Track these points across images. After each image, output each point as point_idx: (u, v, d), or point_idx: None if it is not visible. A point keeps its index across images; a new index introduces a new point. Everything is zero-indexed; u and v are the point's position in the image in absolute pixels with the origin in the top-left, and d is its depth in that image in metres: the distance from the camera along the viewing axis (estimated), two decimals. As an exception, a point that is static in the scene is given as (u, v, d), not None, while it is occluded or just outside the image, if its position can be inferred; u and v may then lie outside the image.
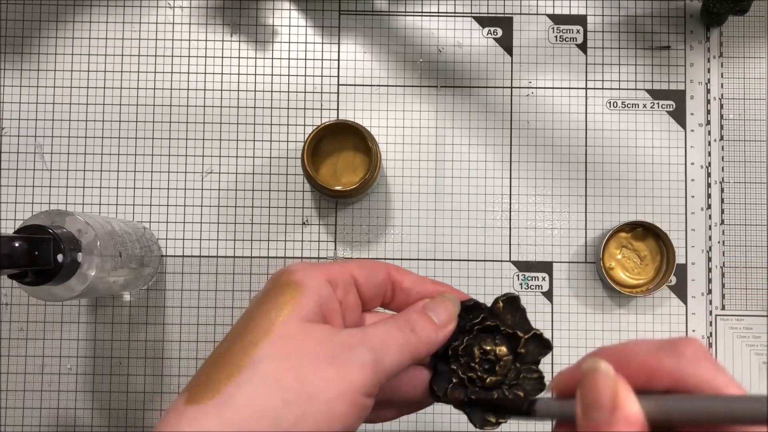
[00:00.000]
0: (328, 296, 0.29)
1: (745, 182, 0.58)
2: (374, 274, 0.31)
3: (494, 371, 0.32)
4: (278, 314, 0.27)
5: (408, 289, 0.32)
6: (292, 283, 0.28)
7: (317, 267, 0.30)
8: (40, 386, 0.56)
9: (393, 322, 0.29)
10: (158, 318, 0.57)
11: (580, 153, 0.58)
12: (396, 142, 0.58)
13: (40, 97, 0.58)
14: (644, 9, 0.59)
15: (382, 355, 0.27)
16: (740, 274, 0.57)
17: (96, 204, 0.58)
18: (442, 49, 0.59)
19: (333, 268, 0.30)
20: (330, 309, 0.29)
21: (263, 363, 0.26)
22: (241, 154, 0.58)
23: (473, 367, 0.32)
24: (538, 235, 0.58)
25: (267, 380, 0.25)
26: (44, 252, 0.40)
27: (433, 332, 0.30)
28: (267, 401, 0.25)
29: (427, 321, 0.30)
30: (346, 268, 0.31)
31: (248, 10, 0.59)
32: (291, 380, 0.25)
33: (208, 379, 0.26)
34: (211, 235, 0.57)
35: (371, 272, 0.31)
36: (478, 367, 0.32)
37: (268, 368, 0.25)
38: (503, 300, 0.33)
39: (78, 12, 0.59)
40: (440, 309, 0.31)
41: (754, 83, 0.59)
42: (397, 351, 0.28)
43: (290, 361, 0.26)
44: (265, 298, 0.28)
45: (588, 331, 0.57)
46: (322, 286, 0.29)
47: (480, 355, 0.32)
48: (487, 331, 0.32)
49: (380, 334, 0.28)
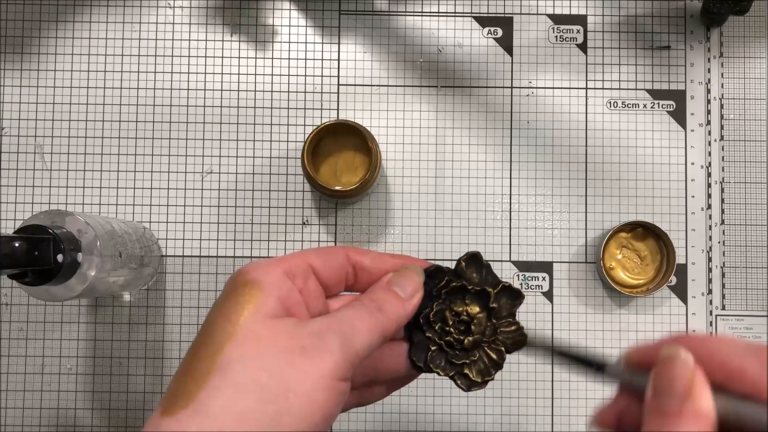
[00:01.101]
0: (288, 289, 0.28)
1: (745, 182, 0.58)
2: (332, 258, 0.31)
3: (470, 331, 0.31)
4: (240, 314, 0.27)
5: (369, 268, 0.32)
6: (249, 282, 0.28)
7: (272, 261, 0.29)
8: (40, 386, 0.56)
9: (359, 303, 0.29)
10: (158, 318, 0.57)
11: (580, 153, 0.58)
12: (396, 142, 0.58)
13: (40, 97, 0.58)
14: (644, 9, 0.59)
15: (351, 338, 0.27)
16: (740, 274, 0.57)
17: (96, 204, 0.58)
18: (442, 49, 0.59)
19: (288, 260, 0.30)
20: (292, 301, 0.28)
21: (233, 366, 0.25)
22: (241, 154, 0.58)
23: (448, 330, 0.32)
24: (538, 235, 0.58)
25: (241, 382, 0.25)
26: (44, 252, 0.40)
27: (400, 307, 0.30)
28: (244, 403, 0.24)
29: (392, 296, 0.30)
30: (302, 257, 0.30)
31: (248, 10, 0.59)
32: (266, 378, 0.25)
33: (179, 389, 0.25)
34: (211, 235, 0.57)
35: (329, 257, 0.31)
36: (453, 330, 0.32)
37: (240, 370, 0.25)
38: (465, 259, 0.32)
39: (78, 12, 0.59)
40: (404, 281, 0.31)
41: (754, 83, 0.59)
42: (367, 332, 0.28)
43: (262, 360, 0.25)
44: (223, 302, 0.28)
45: (588, 331, 0.57)
46: (279, 279, 0.28)
47: (453, 318, 0.32)
48: (455, 292, 0.32)
49: (347, 318, 0.28)
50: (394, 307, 0.30)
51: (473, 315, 0.32)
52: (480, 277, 0.32)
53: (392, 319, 0.29)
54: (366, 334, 0.28)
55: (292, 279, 0.29)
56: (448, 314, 0.32)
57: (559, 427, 0.56)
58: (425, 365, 0.32)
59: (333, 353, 0.26)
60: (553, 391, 0.56)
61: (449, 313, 0.32)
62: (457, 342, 0.32)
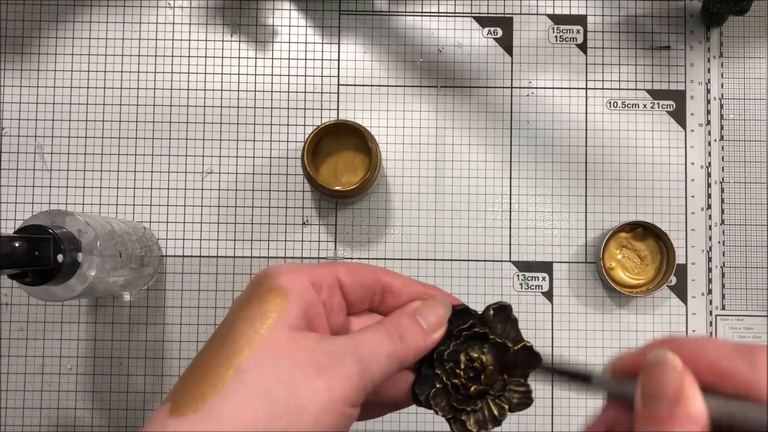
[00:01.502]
0: (313, 300, 0.28)
1: (745, 182, 0.58)
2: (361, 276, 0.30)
3: (479, 380, 0.31)
4: (263, 322, 0.26)
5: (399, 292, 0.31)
6: (276, 288, 0.27)
7: (301, 269, 0.29)
8: (40, 386, 0.56)
9: (382, 328, 0.29)
10: (158, 318, 0.57)
11: (580, 153, 0.58)
12: (396, 142, 0.58)
13: (40, 97, 0.58)
14: (644, 9, 0.59)
15: (370, 365, 0.27)
16: (740, 274, 0.57)
17: (96, 204, 0.58)
18: (442, 49, 0.59)
19: (318, 270, 0.29)
20: (315, 313, 0.28)
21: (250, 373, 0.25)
22: (241, 154, 0.58)
23: (458, 373, 0.31)
24: (538, 235, 0.58)
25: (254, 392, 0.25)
26: (44, 252, 0.40)
27: (422, 339, 0.29)
28: (255, 414, 0.24)
29: (416, 326, 0.29)
30: (331, 270, 0.30)
31: (248, 10, 0.59)
32: (280, 392, 0.25)
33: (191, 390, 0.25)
34: (211, 235, 0.57)
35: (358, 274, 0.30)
36: (463, 374, 0.31)
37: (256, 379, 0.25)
38: (494, 308, 0.32)
39: (78, 12, 0.59)
40: (430, 313, 0.30)
41: (754, 83, 0.59)
42: (386, 360, 0.27)
43: (279, 373, 0.25)
44: (248, 304, 0.27)
45: (588, 331, 0.57)
46: (306, 289, 0.28)
47: (466, 362, 0.31)
48: (476, 338, 0.32)
49: (369, 343, 0.27)
50: (416, 337, 0.29)
51: (486, 365, 0.31)
52: (504, 330, 0.32)
53: (412, 350, 0.29)
54: (384, 361, 0.27)
55: (318, 290, 0.29)
56: (463, 357, 0.31)
57: (559, 427, 0.56)
58: (426, 401, 0.31)
59: (350, 378, 0.26)
60: (552, 391, 0.56)
61: (464, 356, 0.31)
62: (464, 387, 0.31)
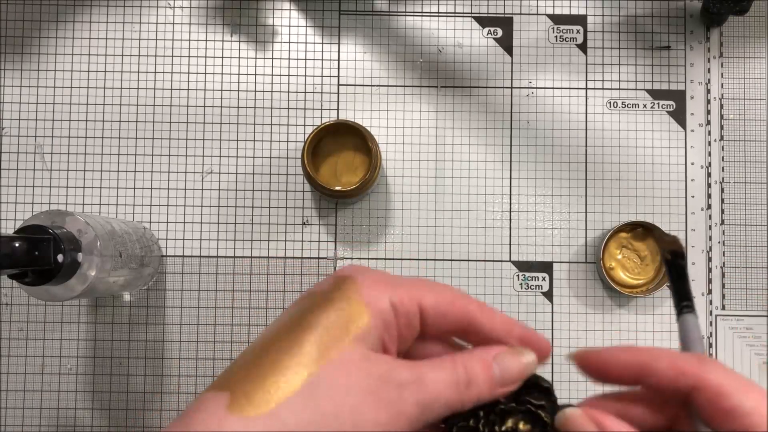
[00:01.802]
0: (390, 323, 0.27)
1: (745, 182, 0.58)
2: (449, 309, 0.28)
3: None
4: (342, 337, 0.26)
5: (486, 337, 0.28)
6: (360, 302, 0.27)
7: (386, 284, 0.27)
8: (40, 386, 0.56)
9: (451, 368, 0.27)
10: (158, 318, 0.57)
11: (580, 153, 0.58)
12: (396, 142, 0.58)
13: (40, 97, 0.58)
14: (644, 9, 0.59)
15: (431, 408, 0.26)
16: (740, 274, 0.57)
17: (96, 204, 0.58)
18: (442, 49, 0.59)
19: (401, 292, 0.27)
20: (389, 337, 0.27)
21: (320, 389, 0.24)
22: (241, 154, 0.58)
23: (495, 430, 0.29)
24: (538, 235, 0.58)
25: (323, 411, 0.24)
26: (44, 252, 0.40)
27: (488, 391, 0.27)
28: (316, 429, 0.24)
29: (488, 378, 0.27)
30: (416, 294, 0.28)
31: (248, 10, 0.59)
32: (347, 416, 0.24)
33: (254, 387, 0.24)
34: (211, 235, 0.57)
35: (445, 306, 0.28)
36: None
37: (326, 397, 0.24)
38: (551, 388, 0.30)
39: (78, 12, 0.59)
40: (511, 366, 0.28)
41: (754, 83, 0.59)
42: (444, 405, 0.26)
43: (350, 396, 0.25)
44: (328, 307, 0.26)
45: (588, 331, 0.57)
46: (387, 312, 0.27)
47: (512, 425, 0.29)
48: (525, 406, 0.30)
49: (437, 387, 0.26)
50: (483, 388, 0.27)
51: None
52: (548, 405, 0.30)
53: (473, 399, 0.27)
54: (443, 408, 0.27)
55: (396, 314, 0.27)
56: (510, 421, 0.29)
57: (559, 427, 0.56)
58: None
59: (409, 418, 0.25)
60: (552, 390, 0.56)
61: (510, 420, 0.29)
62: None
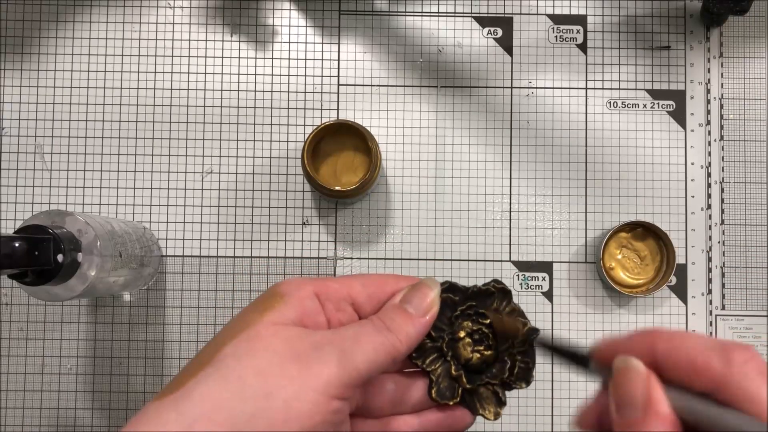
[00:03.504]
0: (313, 309, 0.28)
1: (745, 182, 0.58)
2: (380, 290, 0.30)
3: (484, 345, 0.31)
4: (254, 318, 0.27)
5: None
6: (277, 293, 0.28)
7: (309, 281, 0.29)
8: (40, 386, 0.56)
9: (368, 321, 0.29)
10: (158, 318, 0.57)
11: (580, 153, 0.58)
12: (396, 142, 0.58)
13: (40, 97, 0.58)
14: (644, 9, 0.59)
15: (352, 354, 0.27)
16: (740, 274, 0.57)
17: (96, 204, 0.58)
18: (442, 49, 0.59)
19: (327, 283, 0.29)
20: (313, 322, 0.28)
21: (226, 360, 0.26)
22: (241, 154, 0.58)
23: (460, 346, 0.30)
24: (538, 235, 0.58)
25: (227, 376, 0.25)
26: (44, 252, 0.40)
27: (410, 325, 0.29)
28: (222, 395, 0.25)
29: (402, 314, 0.29)
30: (344, 284, 0.29)
31: (248, 10, 0.59)
32: (251, 377, 0.25)
33: (176, 378, 0.26)
34: (211, 235, 0.57)
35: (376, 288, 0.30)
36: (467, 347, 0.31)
37: (231, 365, 0.26)
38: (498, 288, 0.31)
39: (78, 12, 0.59)
40: (416, 297, 0.29)
41: (754, 83, 0.59)
42: (371, 350, 0.27)
43: (253, 359, 0.26)
44: (249, 307, 0.29)
45: (588, 331, 0.57)
46: (307, 298, 0.28)
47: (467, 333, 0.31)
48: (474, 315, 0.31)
49: (351, 334, 0.28)
50: (403, 325, 0.29)
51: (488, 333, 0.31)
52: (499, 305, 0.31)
53: (402, 338, 0.28)
54: (370, 351, 0.27)
55: (322, 302, 0.29)
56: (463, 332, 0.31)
57: (559, 427, 0.56)
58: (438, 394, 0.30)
59: (328, 366, 0.26)
60: (552, 391, 0.56)
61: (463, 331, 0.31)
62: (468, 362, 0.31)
